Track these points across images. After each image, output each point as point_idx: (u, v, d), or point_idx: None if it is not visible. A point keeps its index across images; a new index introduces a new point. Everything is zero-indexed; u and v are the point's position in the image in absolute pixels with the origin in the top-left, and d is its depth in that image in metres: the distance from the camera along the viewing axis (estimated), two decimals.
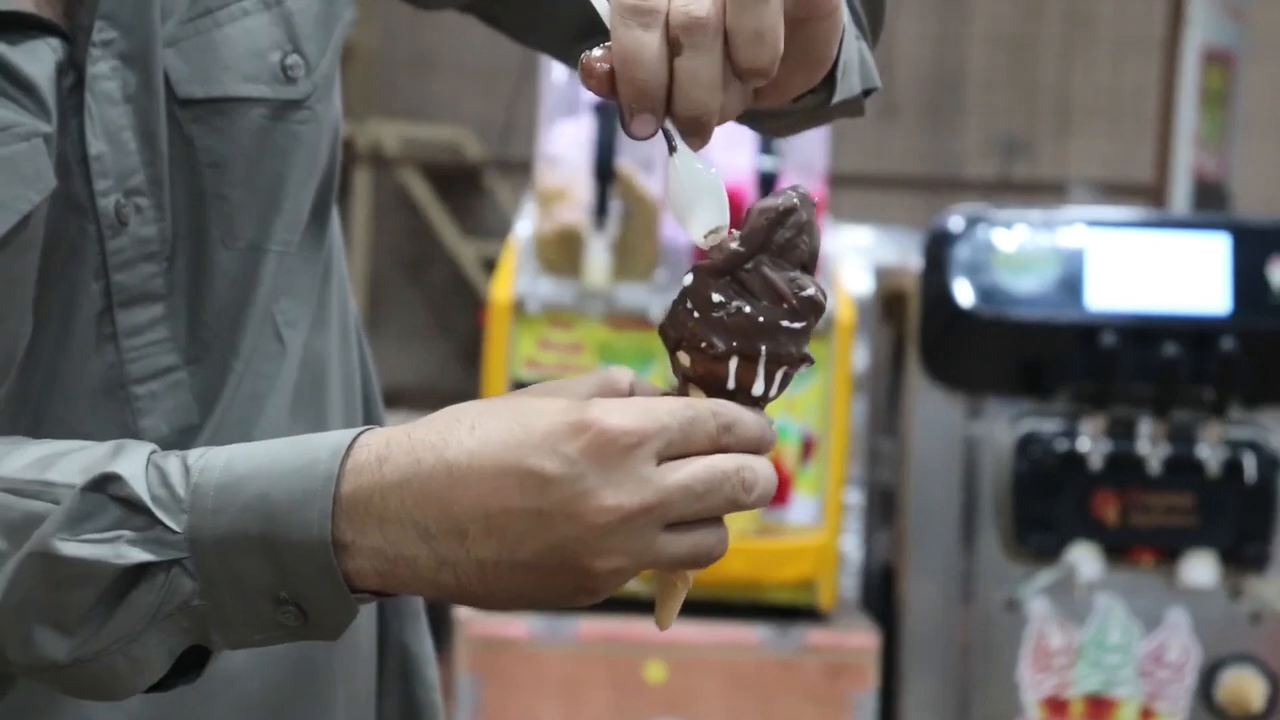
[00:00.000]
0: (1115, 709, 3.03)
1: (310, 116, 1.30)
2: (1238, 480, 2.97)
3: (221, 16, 1.27)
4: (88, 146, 1.21)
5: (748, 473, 1.04)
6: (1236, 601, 3.02)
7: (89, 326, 1.24)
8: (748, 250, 1.06)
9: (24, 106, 1.18)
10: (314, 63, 1.30)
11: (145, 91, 1.24)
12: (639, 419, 1.02)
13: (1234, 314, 2.99)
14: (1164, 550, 3.01)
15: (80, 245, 1.22)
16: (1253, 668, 3.02)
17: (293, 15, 1.30)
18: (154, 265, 1.26)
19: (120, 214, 1.23)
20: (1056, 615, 3.03)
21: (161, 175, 1.25)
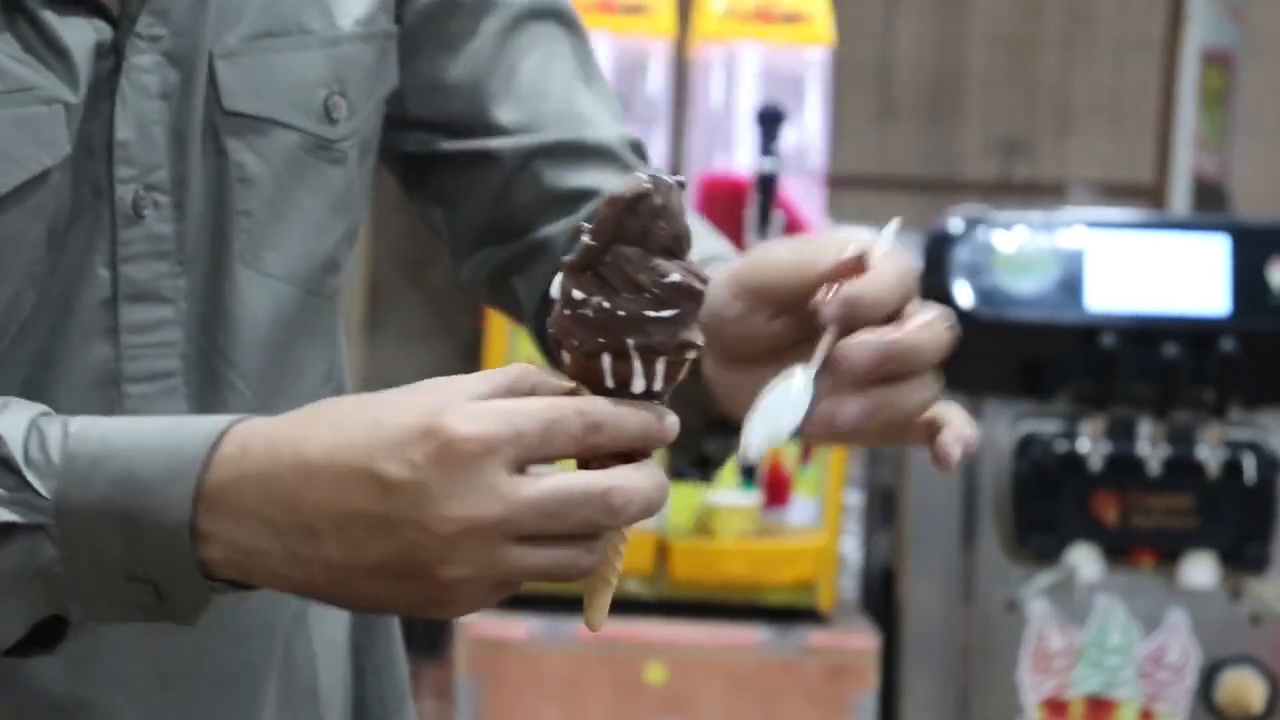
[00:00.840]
0: (1115, 710, 3.04)
1: (342, 158, 1.32)
2: (1237, 481, 2.98)
3: (280, 44, 1.30)
4: (115, 131, 1.22)
5: (617, 496, 1.01)
6: (1236, 603, 3.03)
7: (92, 315, 1.24)
8: (600, 242, 1.02)
9: (54, 72, 1.20)
10: (355, 109, 1.33)
11: (184, 94, 1.26)
12: (490, 425, 0.98)
13: (1234, 315, 2.99)
14: (1164, 552, 3.02)
15: (93, 231, 1.23)
16: (1253, 669, 3.03)
17: (344, 60, 1.33)
18: (165, 265, 1.26)
19: (138, 205, 1.23)
20: (1056, 616, 3.03)
21: (187, 177, 1.26)
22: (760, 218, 2.98)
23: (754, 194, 3.02)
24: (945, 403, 1.16)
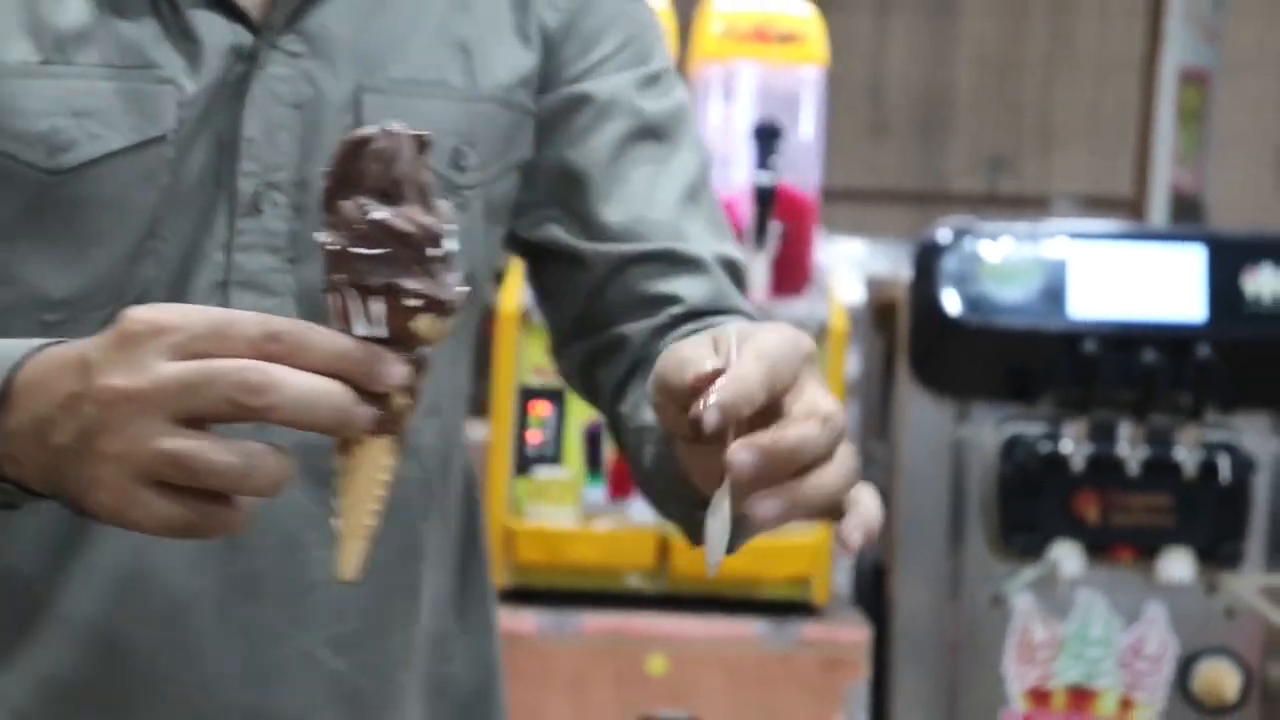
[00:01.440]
0: (1096, 699, 3.04)
1: (464, 205, 1.33)
2: (1213, 481, 2.98)
3: (423, 90, 1.34)
4: (242, 128, 1.27)
5: (254, 374, 0.96)
6: (1212, 597, 3.03)
7: (205, 296, 1.26)
8: (329, 183, 1.01)
9: (180, 57, 1.26)
10: (484, 164, 1.36)
11: (316, 108, 1.30)
12: (163, 313, 0.97)
13: (1210, 322, 2.99)
14: (1143, 548, 3.01)
15: (211, 217, 1.27)
16: (1227, 660, 3.03)
17: (478, 118, 1.36)
18: (276, 259, 1.29)
19: (257, 200, 1.28)
20: (1040, 610, 3.03)
21: (309, 182, 1.28)
22: (757, 230, 2.98)
23: (752, 207, 3.02)
24: (859, 485, 1.12)
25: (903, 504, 3.11)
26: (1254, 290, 3.02)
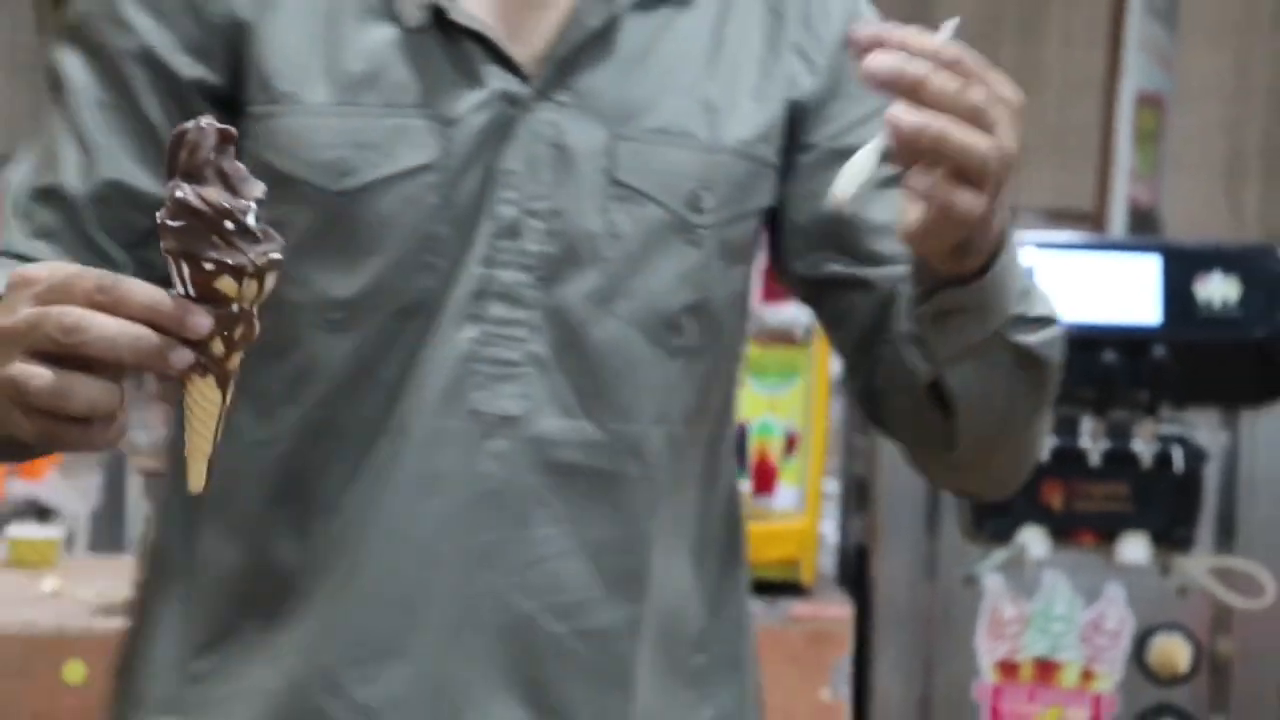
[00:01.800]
0: (1060, 671, 3.05)
1: (698, 241, 1.40)
2: (1167, 471, 2.99)
3: (669, 140, 1.40)
4: (503, 161, 1.35)
5: (69, 317, 1.04)
6: (1166, 577, 3.04)
7: (464, 304, 1.36)
8: (167, 170, 1.09)
9: (455, 95, 1.35)
10: (720, 207, 1.40)
11: (574, 150, 1.37)
12: (36, 269, 1.08)
13: (1164, 326, 3.01)
14: (1102, 533, 3.03)
15: (475, 237, 1.35)
16: (1180, 635, 3.05)
17: (717, 167, 1.41)
18: (528, 277, 1.37)
19: (516, 224, 1.36)
20: (1008, 589, 3.05)
21: (562, 213, 1.37)
22: None
23: None
24: None
25: (883, 492, 3.12)
26: (1205, 296, 3.03)
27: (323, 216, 1.36)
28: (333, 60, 1.36)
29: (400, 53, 1.36)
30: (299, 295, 1.34)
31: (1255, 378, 3.07)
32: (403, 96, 1.36)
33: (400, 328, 1.36)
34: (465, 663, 1.38)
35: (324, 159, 1.35)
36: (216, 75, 1.38)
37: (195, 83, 1.37)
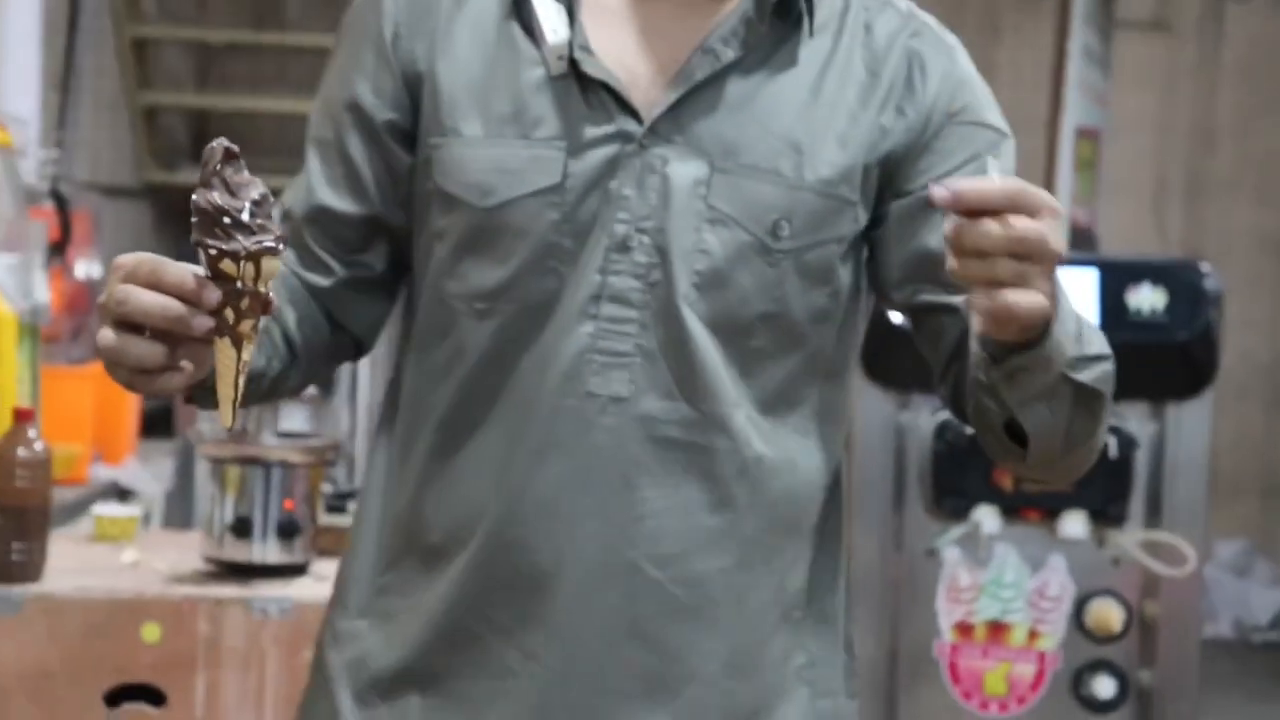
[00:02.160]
0: (1009, 632, 3.06)
1: (776, 263, 1.46)
2: (1103, 456, 2.95)
3: (758, 175, 1.46)
4: (618, 187, 1.44)
5: (119, 292, 1.26)
6: (1101, 549, 3.07)
7: (583, 305, 1.44)
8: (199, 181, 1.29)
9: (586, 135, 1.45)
10: (796, 235, 1.45)
11: (677, 178, 1.45)
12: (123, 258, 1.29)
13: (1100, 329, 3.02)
14: (1046, 511, 3.05)
15: (593, 249, 1.44)
16: (1113, 600, 3.07)
17: (797, 201, 1.46)
18: (637, 283, 1.45)
19: (626, 240, 1.44)
20: (965, 560, 3.06)
21: (666, 231, 1.45)
22: None
23: None
24: None
25: (856, 475, 3.13)
26: (1135, 303, 3.05)
27: (472, 227, 1.46)
28: (486, 101, 1.46)
29: (541, 94, 1.45)
30: (456, 288, 1.47)
31: (1179, 375, 3.09)
32: (538, 131, 1.45)
33: (529, 320, 1.45)
34: (578, 599, 1.46)
35: (473, 181, 1.45)
36: (402, 117, 1.50)
37: (387, 124, 1.50)
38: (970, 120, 1.53)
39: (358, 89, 1.51)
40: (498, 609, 1.47)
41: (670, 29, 1.48)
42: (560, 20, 1.45)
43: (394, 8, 1.50)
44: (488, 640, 1.48)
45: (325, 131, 1.54)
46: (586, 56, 1.44)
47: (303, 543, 2.50)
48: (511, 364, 1.47)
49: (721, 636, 1.48)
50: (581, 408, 1.45)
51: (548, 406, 1.45)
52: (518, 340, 1.47)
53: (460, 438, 1.49)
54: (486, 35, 1.48)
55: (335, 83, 1.54)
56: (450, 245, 1.48)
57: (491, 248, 1.46)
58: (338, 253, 1.53)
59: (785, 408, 1.50)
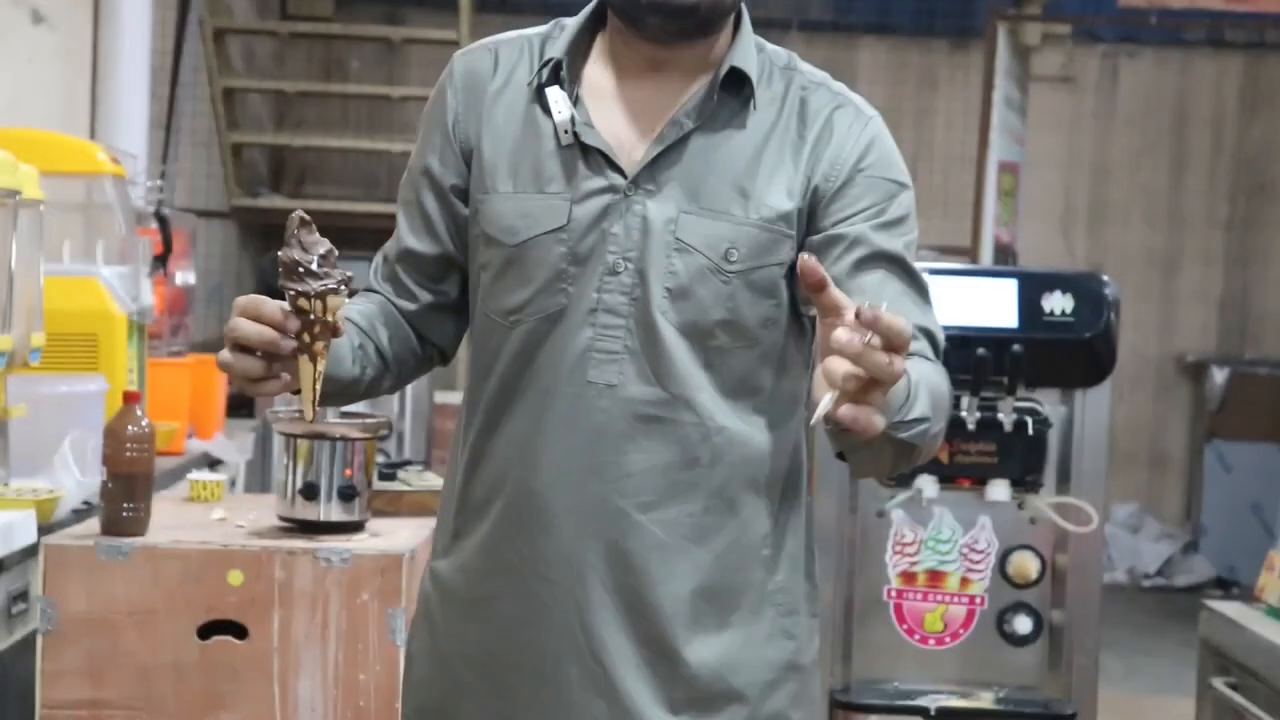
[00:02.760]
0: (945, 579, 3.05)
1: (728, 280, 1.55)
2: (1022, 434, 2.99)
3: (712, 215, 1.55)
4: (609, 227, 1.54)
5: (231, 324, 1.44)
6: (1021, 511, 3.04)
7: (583, 316, 1.55)
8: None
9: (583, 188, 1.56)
10: (744, 260, 1.54)
11: (654, 219, 1.55)
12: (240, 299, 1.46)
13: (1019, 329, 3.01)
14: (976, 479, 3.01)
15: (591, 274, 1.55)
16: (1030, 552, 3.05)
17: (742, 234, 1.55)
18: (624, 299, 1.55)
19: (615, 266, 1.55)
20: (909, 520, 3.04)
21: (644, 258, 1.55)
22: None
23: None
24: None
25: (820, 452, 3.12)
26: (1048, 307, 3.04)
27: (504, 259, 1.58)
28: (515, 165, 1.58)
29: (553, 159, 1.57)
30: (494, 306, 1.59)
31: (1084, 367, 3.07)
32: (550, 186, 1.56)
33: (546, 329, 1.56)
34: (580, 537, 1.56)
35: (505, 225, 1.57)
36: (461, 181, 1.62)
37: (452, 187, 1.63)
38: (875, 175, 1.58)
39: (430, 161, 1.64)
40: (521, 545, 1.57)
41: (648, 106, 1.57)
42: (566, 104, 1.55)
43: (454, 101, 1.62)
44: (517, 568, 1.58)
45: (409, 194, 1.67)
46: (586, 129, 1.55)
47: (360, 504, 2.49)
48: (533, 361, 1.57)
49: (692, 565, 1.56)
50: (583, 393, 1.54)
51: (559, 393, 1.55)
52: (538, 343, 1.56)
53: (498, 420, 1.60)
54: (516, 116, 1.59)
55: (415, 157, 1.67)
56: (490, 274, 1.59)
57: (518, 276, 1.57)
58: (422, 284, 1.66)
59: (745, 393, 1.58)
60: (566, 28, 1.60)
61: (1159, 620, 6.45)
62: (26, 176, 2.58)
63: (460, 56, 1.64)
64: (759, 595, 1.60)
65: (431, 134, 1.64)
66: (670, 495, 1.55)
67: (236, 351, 1.44)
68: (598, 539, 1.55)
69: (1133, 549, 7.40)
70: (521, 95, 1.59)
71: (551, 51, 1.58)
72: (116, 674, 2.35)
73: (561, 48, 1.57)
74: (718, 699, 1.56)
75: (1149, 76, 7.55)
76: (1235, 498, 7.14)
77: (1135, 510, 7.54)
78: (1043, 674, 3.06)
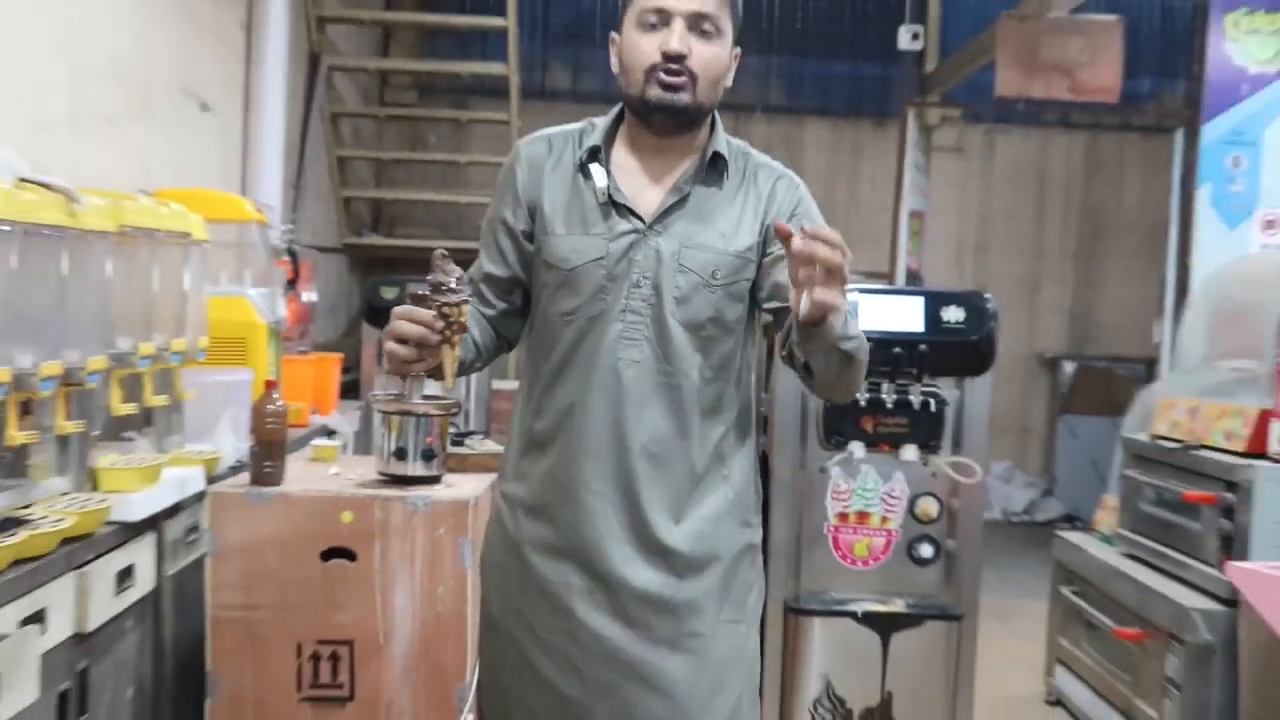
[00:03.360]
0: (869, 518, 3.04)
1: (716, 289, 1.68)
2: (927, 411, 2.98)
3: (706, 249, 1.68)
4: (633, 255, 1.68)
5: (391, 325, 1.58)
6: (926, 467, 3.03)
7: (616, 315, 1.68)
8: None
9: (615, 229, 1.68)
10: (726, 277, 1.68)
11: (662, 251, 1.68)
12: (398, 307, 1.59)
13: (925, 333, 3.01)
14: (893, 445, 3.01)
15: (622, 288, 1.67)
16: (932, 498, 3.05)
17: (723, 259, 1.68)
18: (644, 304, 1.67)
19: (638, 283, 1.68)
20: (843, 475, 3.03)
21: (658, 277, 1.67)
22: None
23: None
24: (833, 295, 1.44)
25: (776, 421, 3.12)
26: (946, 317, 3.03)
27: (560, 279, 1.69)
28: (567, 216, 1.70)
29: (594, 212, 1.69)
30: (553, 310, 1.70)
31: (972, 362, 3.07)
32: (592, 230, 1.68)
33: (590, 325, 1.67)
34: (607, 463, 1.66)
35: (561, 256, 1.69)
36: (527, 227, 1.73)
37: (521, 231, 1.73)
38: (800, 217, 1.71)
39: (504, 213, 1.75)
40: (572, 469, 1.67)
41: (656, 176, 1.70)
42: (603, 175, 1.68)
43: (522, 174, 1.73)
44: (569, 484, 1.68)
45: (489, 236, 1.76)
46: (616, 192, 1.68)
47: (437, 463, 2.47)
48: (581, 346, 1.68)
49: (675, 469, 1.67)
50: (615, 367, 1.66)
51: (598, 368, 1.66)
52: (584, 334, 1.68)
53: (555, 385, 1.70)
54: (567, 183, 1.71)
55: (492, 210, 1.77)
56: (550, 289, 1.70)
57: (570, 290, 1.69)
58: (499, 296, 1.77)
59: (724, 368, 1.70)
60: (598, 126, 1.72)
61: (1024, 546, 6.45)
62: (195, 223, 2.58)
63: (524, 144, 1.75)
64: (716, 486, 1.70)
65: (505, 195, 1.74)
66: (664, 432, 1.66)
67: (394, 344, 1.56)
68: (620, 465, 1.65)
69: (1005, 495, 7.39)
70: (569, 170, 1.71)
71: (590, 141, 1.71)
72: (261, 586, 2.35)
73: (598, 138, 1.71)
74: (703, 561, 1.68)
75: (1018, 148, 7.54)
76: (1079, 457, 7.15)
77: (1008, 466, 7.54)
78: (940, 586, 3.05)
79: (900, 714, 2.98)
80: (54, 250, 1.89)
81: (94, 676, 2.01)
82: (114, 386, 2.23)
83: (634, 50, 1.60)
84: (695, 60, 1.59)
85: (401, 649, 2.34)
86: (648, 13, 1.58)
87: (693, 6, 1.57)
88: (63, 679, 1.88)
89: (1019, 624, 4.70)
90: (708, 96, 1.62)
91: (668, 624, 1.63)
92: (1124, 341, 7.44)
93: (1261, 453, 2.97)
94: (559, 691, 1.64)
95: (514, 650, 1.69)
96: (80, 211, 1.94)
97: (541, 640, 1.66)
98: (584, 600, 1.64)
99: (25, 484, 1.94)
